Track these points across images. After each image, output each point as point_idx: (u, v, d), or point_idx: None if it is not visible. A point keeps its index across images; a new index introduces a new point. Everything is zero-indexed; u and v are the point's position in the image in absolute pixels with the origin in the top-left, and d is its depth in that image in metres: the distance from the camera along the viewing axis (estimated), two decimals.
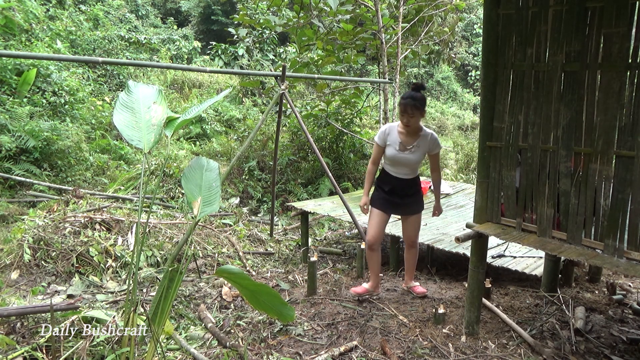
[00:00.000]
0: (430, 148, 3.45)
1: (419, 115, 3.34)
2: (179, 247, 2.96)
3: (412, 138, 3.44)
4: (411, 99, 3.30)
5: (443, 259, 5.16)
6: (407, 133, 3.44)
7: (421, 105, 3.32)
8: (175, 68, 11.08)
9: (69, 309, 2.89)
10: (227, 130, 11.57)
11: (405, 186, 3.57)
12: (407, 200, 3.59)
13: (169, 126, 2.56)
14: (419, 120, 3.39)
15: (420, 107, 3.32)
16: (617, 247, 2.43)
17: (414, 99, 3.30)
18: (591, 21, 2.43)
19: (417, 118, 3.34)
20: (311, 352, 2.97)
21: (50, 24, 11.32)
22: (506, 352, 2.92)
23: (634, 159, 2.33)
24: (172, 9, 23.34)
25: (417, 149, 3.44)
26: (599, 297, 3.96)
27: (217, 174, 2.58)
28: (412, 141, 3.43)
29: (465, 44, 23.27)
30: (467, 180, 9.56)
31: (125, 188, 7.49)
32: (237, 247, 5.42)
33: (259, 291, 2.18)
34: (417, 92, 3.34)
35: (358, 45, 8.47)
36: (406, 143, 3.44)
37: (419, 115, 3.33)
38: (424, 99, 3.35)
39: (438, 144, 3.47)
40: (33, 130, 7.14)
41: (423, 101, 3.34)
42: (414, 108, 3.29)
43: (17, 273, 4.08)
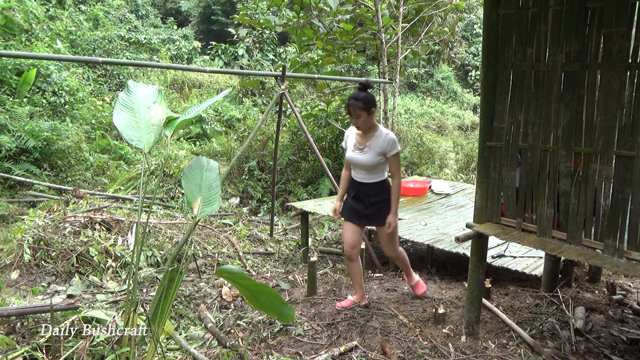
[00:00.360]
0: (385, 149, 3.29)
1: (366, 115, 3.25)
2: (179, 247, 2.96)
3: (365, 138, 3.37)
4: (354, 99, 3.23)
5: (443, 259, 5.16)
6: (361, 134, 3.38)
7: (365, 105, 3.22)
8: (175, 68, 11.10)
9: (69, 309, 2.89)
10: (227, 130, 11.57)
11: (367, 192, 3.41)
12: (371, 209, 3.41)
13: (168, 126, 2.56)
14: (369, 120, 3.29)
15: (365, 107, 3.22)
16: (617, 247, 2.43)
17: (356, 99, 3.22)
18: (591, 21, 2.43)
19: (364, 118, 3.25)
20: (311, 352, 2.97)
21: (50, 24, 11.32)
22: (506, 352, 2.92)
23: (634, 159, 2.33)
24: (172, 9, 23.35)
25: (369, 150, 3.33)
26: (599, 297, 3.96)
27: (217, 174, 2.58)
28: (365, 141, 3.36)
29: (465, 44, 23.27)
30: (467, 180, 9.55)
31: (125, 188, 7.49)
32: (237, 247, 5.42)
33: (259, 291, 2.18)
34: (362, 92, 3.26)
35: (358, 45, 8.48)
36: (359, 143, 3.38)
37: (365, 114, 3.24)
38: (368, 98, 3.24)
39: (395, 146, 3.29)
40: (33, 130, 7.14)
41: (367, 100, 3.23)
42: (357, 108, 3.22)
43: (17, 273, 4.08)
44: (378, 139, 3.32)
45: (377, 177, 3.39)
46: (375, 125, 3.37)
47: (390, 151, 3.30)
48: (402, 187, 6.56)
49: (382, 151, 3.31)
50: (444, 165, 11.48)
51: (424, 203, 6.17)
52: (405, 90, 21.47)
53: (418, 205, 6.07)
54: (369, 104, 3.24)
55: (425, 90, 21.94)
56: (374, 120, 3.34)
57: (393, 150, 3.30)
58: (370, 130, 3.35)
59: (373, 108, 3.28)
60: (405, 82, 21.19)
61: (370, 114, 3.28)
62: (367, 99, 3.24)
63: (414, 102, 19.83)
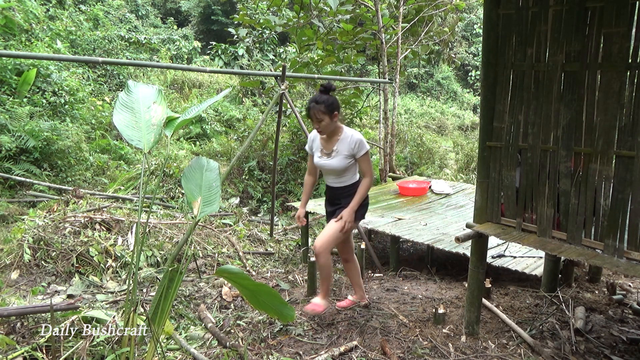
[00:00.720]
0: (353, 151, 3.15)
1: (328, 119, 3.08)
2: (179, 247, 2.96)
3: (331, 143, 3.21)
4: (315, 103, 3.06)
5: (443, 259, 5.16)
6: (326, 138, 3.22)
7: (327, 108, 3.05)
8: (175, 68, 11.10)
9: (69, 309, 2.89)
10: (227, 130, 11.57)
11: (339, 195, 3.31)
12: (339, 211, 3.26)
13: (168, 126, 2.56)
14: (332, 124, 3.12)
15: (327, 111, 3.05)
16: (617, 247, 2.43)
17: (317, 102, 3.06)
18: (591, 21, 2.43)
19: (326, 123, 3.08)
20: (311, 352, 2.97)
21: (50, 24, 11.32)
22: (506, 352, 2.92)
23: (634, 159, 2.33)
24: (172, 9, 23.35)
25: (337, 154, 3.18)
26: (599, 297, 3.96)
27: (217, 174, 2.58)
28: (331, 146, 3.20)
29: (465, 44, 23.27)
30: (467, 180, 9.55)
31: (125, 188, 7.49)
32: (237, 247, 5.42)
33: (259, 291, 2.18)
34: (323, 94, 3.10)
35: (358, 45, 8.48)
36: (326, 148, 3.23)
37: (328, 118, 3.07)
38: (329, 101, 3.07)
39: (362, 146, 3.14)
40: (33, 130, 7.14)
41: (330, 103, 3.06)
42: (318, 112, 3.05)
43: (17, 273, 4.08)
44: (344, 141, 3.17)
45: (348, 180, 3.28)
46: (339, 127, 3.21)
47: (358, 152, 3.16)
48: (402, 187, 6.67)
49: (350, 153, 3.17)
50: (444, 165, 11.48)
51: (424, 203, 6.17)
52: (405, 90, 21.47)
53: (418, 205, 6.07)
54: (331, 107, 3.07)
55: (425, 90, 21.94)
56: (337, 123, 3.19)
57: (361, 150, 3.16)
58: (334, 134, 3.20)
59: (336, 112, 3.11)
60: (405, 82, 21.19)
61: (333, 118, 3.11)
62: (328, 102, 3.07)
63: (414, 102, 19.84)
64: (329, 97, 3.10)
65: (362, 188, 3.21)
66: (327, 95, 3.10)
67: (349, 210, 3.18)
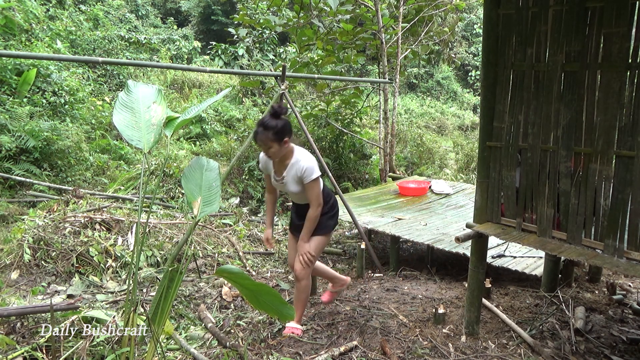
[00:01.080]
0: (301, 178, 2.96)
1: (277, 146, 2.85)
2: (179, 247, 2.97)
3: (282, 167, 3.03)
4: (262, 128, 2.81)
5: (443, 259, 5.16)
6: (278, 161, 3.03)
7: (275, 135, 2.79)
8: (175, 68, 11.10)
9: (69, 309, 2.89)
10: (227, 130, 11.57)
11: (303, 212, 3.15)
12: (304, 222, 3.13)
13: (168, 126, 2.56)
14: (281, 150, 2.89)
15: (276, 138, 2.80)
16: (617, 247, 2.43)
17: (265, 127, 2.80)
18: (591, 21, 2.43)
19: (275, 150, 2.86)
20: (311, 352, 2.97)
21: (50, 24, 11.32)
22: (506, 352, 2.92)
23: (634, 159, 2.33)
24: (172, 9, 23.35)
25: (287, 179, 3.03)
26: (599, 297, 3.96)
27: (217, 174, 2.58)
28: (282, 170, 3.04)
29: (465, 44, 23.27)
30: (467, 180, 9.55)
31: (125, 188, 7.48)
32: (237, 247, 5.42)
33: (259, 291, 2.18)
34: (273, 119, 2.83)
35: (358, 45, 8.48)
36: (277, 173, 3.08)
37: (276, 145, 2.84)
38: (278, 126, 2.79)
39: (309, 173, 2.92)
40: (33, 130, 7.14)
41: (278, 130, 2.79)
42: (266, 139, 2.82)
43: (17, 273, 4.08)
44: (293, 167, 2.98)
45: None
46: (290, 152, 2.99)
47: (305, 179, 2.95)
48: (402, 187, 6.67)
49: (299, 180, 2.99)
50: (444, 165, 11.48)
51: (424, 203, 6.17)
52: (405, 90, 21.48)
53: (418, 205, 6.07)
54: (280, 133, 2.82)
55: (425, 90, 21.95)
56: (288, 148, 2.97)
57: (308, 178, 2.93)
58: (285, 159, 3.00)
59: (286, 137, 2.86)
60: (405, 82, 21.19)
61: (283, 144, 2.88)
62: (278, 128, 2.80)
63: (414, 102, 19.84)
64: (278, 121, 2.82)
65: (309, 220, 3.03)
66: (276, 120, 2.82)
67: (302, 244, 3.08)
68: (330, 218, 3.22)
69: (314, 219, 3.04)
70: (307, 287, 3.22)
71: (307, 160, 2.96)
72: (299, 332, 3.22)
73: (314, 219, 3.04)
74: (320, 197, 3.02)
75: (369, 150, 9.86)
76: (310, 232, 3.09)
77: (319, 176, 2.97)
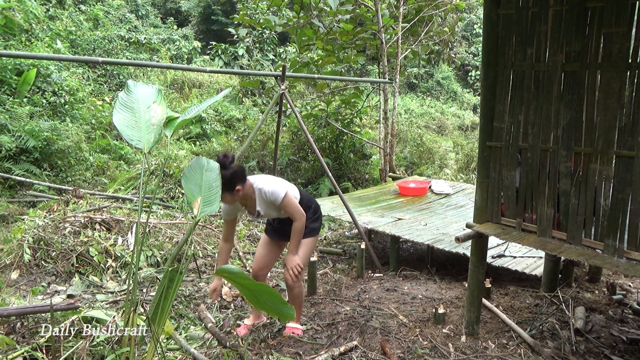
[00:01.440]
0: (272, 202, 3.00)
1: (230, 196, 2.86)
2: (179, 247, 2.96)
3: (251, 203, 3.07)
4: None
5: (443, 259, 5.16)
6: (244, 202, 3.07)
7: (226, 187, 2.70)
8: (175, 68, 11.11)
9: (69, 309, 2.89)
10: (227, 130, 11.57)
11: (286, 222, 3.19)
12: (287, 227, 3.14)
13: (168, 126, 2.56)
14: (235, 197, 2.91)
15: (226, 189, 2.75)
16: (617, 247, 2.43)
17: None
18: (591, 21, 2.43)
19: (229, 199, 2.89)
20: (311, 352, 2.97)
21: (50, 24, 11.33)
22: (506, 352, 2.92)
23: (634, 159, 2.33)
24: (172, 9, 23.35)
25: (264, 209, 3.07)
26: (599, 297, 3.96)
27: (217, 174, 2.57)
28: (253, 206, 3.07)
29: (465, 44, 23.27)
30: (467, 180, 9.55)
31: (125, 188, 7.48)
32: (237, 247, 5.42)
33: (259, 290, 2.17)
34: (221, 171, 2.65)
35: (358, 45, 8.48)
36: (251, 211, 3.12)
37: (229, 196, 2.85)
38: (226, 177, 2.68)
39: (276, 195, 2.95)
40: (33, 130, 7.14)
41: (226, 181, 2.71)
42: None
43: (17, 273, 4.08)
44: (260, 199, 3.03)
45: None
46: (249, 190, 3.00)
47: (275, 201, 2.98)
48: (402, 187, 6.67)
49: (272, 205, 3.03)
50: (444, 165, 11.48)
51: (424, 203, 6.17)
52: (405, 90, 21.48)
53: (418, 205, 6.07)
54: (230, 184, 2.80)
55: (425, 90, 21.95)
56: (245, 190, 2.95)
57: (277, 199, 2.96)
58: (249, 196, 3.03)
59: (238, 186, 2.87)
60: (405, 82, 21.19)
61: (236, 193, 2.88)
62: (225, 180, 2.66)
63: (414, 102, 19.84)
64: (225, 173, 2.71)
65: (295, 233, 3.06)
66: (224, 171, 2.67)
67: (290, 256, 3.10)
68: (314, 221, 3.23)
69: (300, 230, 3.06)
70: (301, 292, 3.27)
71: (268, 185, 2.99)
72: (300, 332, 3.26)
73: (300, 230, 3.06)
74: (299, 209, 3.04)
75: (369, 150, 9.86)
76: (298, 244, 3.10)
77: (286, 192, 2.98)
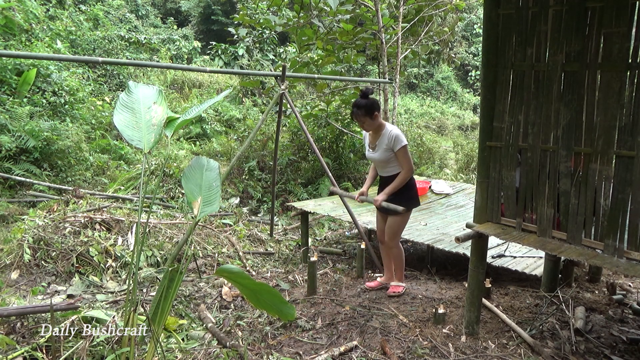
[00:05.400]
0: (391, 145, 3.54)
1: (370, 120, 3.52)
2: (179, 247, 2.97)
3: (375, 137, 3.65)
4: (356, 107, 3.52)
5: (443, 259, 5.16)
6: (372, 134, 3.67)
7: (366, 111, 3.49)
8: (175, 68, 11.10)
9: (69, 309, 2.89)
10: (227, 130, 11.57)
11: (386, 184, 3.71)
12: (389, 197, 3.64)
13: (169, 126, 2.57)
14: (373, 123, 3.56)
15: (366, 113, 3.49)
16: (617, 247, 2.43)
17: (358, 106, 3.50)
18: (591, 21, 2.43)
19: (368, 123, 3.54)
20: (311, 352, 2.97)
21: (50, 24, 11.32)
22: (506, 352, 2.92)
23: (634, 159, 2.33)
24: (172, 9, 23.35)
25: (379, 147, 3.61)
26: (599, 297, 3.96)
27: (217, 174, 2.58)
28: (375, 140, 3.65)
29: (465, 44, 23.27)
30: (467, 180, 9.55)
31: (125, 188, 7.49)
32: (237, 247, 5.42)
33: (260, 290, 2.18)
34: (362, 99, 3.51)
35: (358, 45, 8.48)
36: (371, 143, 3.70)
37: (368, 119, 3.52)
38: (368, 104, 3.49)
39: (398, 142, 3.51)
40: (33, 130, 7.14)
41: (368, 106, 3.49)
42: (358, 115, 3.52)
43: (17, 273, 4.08)
44: (384, 137, 3.57)
45: (392, 170, 3.65)
46: (382, 124, 3.60)
47: (395, 146, 3.52)
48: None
49: (389, 147, 3.54)
50: (444, 165, 11.48)
51: (424, 203, 6.17)
52: (405, 90, 21.48)
53: None
54: (370, 110, 3.50)
55: (425, 90, 21.95)
56: (379, 121, 3.57)
57: (397, 145, 3.51)
58: (378, 130, 3.62)
59: (376, 112, 3.52)
60: (405, 82, 21.20)
61: (374, 118, 3.53)
62: (367, 106, 3.49)
63: (414, 102, 19.84)
64: (367, 100, 3.50)
65: (397, 179, 3.59)
66: (365, 100, 3.50)
67: (382, 196, 3.61)
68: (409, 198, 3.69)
69: (402, 180, 3.57)
70: (399, 253, 3.85)
71: (396, 131, 3.55)
72: (401, 289, 3.86)
73: (402, 179, 3.57)
74: (410, 162, 3.58)
75: None
76: (394, 189, 3.58)
77: (406, 144, 3.54)
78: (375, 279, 4.21)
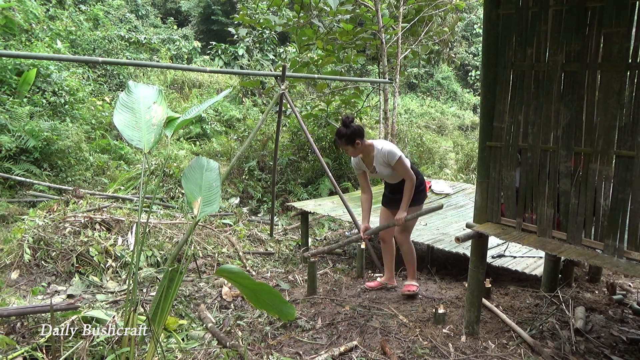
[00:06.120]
0: (387, 161, 3.54)
1: (352, 148, 3.51)
2: (179, 247, 2.97)
3: (369, 160, 3.64)
4: (337, 137, 3.51)
5: (443, 259, 5.16)
6: (364, 157, 3.65)
7: (347, 140, 3.47)
8: (175, 68, 11.09)
9: (69, 309, 2.89)
10: (227, 130, 11.57)
11: (396, 189, 3.75)
12: (397, 195, 3.70)
13: (169, 126, 2.57)
14: (357, 150, 3.54)
15: (347, 142, 3.48)
16: (617, 247, 2.43)
17: (339, 136, 3.49)
18: (591, 21, 2.43)
19: (351, 150, 3.53)
20: (311, 352, 2.97)
21: (50, 24, 11.32)
22: (506, 352, 2.92)
23: (634, 159, 2.33)
24: (172, 9, 23.35)
25: (378, 166, 3.61)
26: (599, 297, 3.96)
27: (217, 174, 2.58)
28: (371, 162, 3.63)
29: (465, 44, 23.27)
30: (467, 180, 9.55)
31: (125, 188, 7.48)
32: (237, 247, 5.42)
33: (260, 290, 2.18)
34: (344, 127, 3.47)
35: (358, 45, 8.48)
36: (368, 166, 3.68)
37: (350, 148, 3.51)
38: (348, 133, 3.45)
39: (392, 156, 3.50)
40: (33, 130, 7.14)
41: (348, 135, 3.46)
42: (340, 144, 3.53)
43: (17, 273, 4.08)
44: (377, 157, 3.57)
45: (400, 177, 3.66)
46: (369, 146, 3.59)
47: (390, 161, 3.52)
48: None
49: (386, 163, 3.55)
50: (444, 165, 11.48)
51: (424, 203, 6.16)
52: (405, 90, 21.47)
53: None
54: (351, 139, 3.47)
55: (425, 90, 21.95)
56: (363, 146, 3.55)
57: (392, 159, 3.51)
58: (368, 153, 3.61)
59: (357, 140, 3.49)
60: (405, 82, 21.19)
61: (356, 146, 3.51)
62: (347, 135, 3.46)
63: (414, 102, 19.83)
64: (347, 129, 3.46)
65: (406, 191, 3.60)
66: (345, 129, 3.47)
67: (401, 213, 3.61)
68: (419, 192, 3.73)
69: (410, 189, 3.59)
70: (410, 249, 3.85)
71: (388, 146, 3.56)
72: (415, 288, 3.83)
73: (411, 188, 3.59)
74: (411, 171, 3.58)
75: None
76: (408, 202, 3.61)
77: (401, 155, 3.53)
78: (375, 279, 4.20)
